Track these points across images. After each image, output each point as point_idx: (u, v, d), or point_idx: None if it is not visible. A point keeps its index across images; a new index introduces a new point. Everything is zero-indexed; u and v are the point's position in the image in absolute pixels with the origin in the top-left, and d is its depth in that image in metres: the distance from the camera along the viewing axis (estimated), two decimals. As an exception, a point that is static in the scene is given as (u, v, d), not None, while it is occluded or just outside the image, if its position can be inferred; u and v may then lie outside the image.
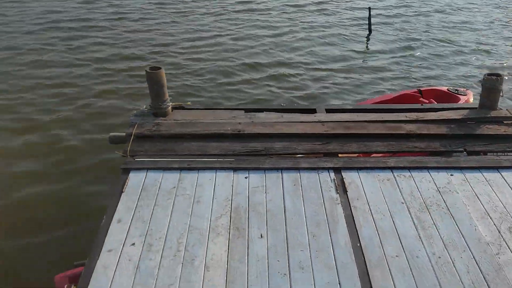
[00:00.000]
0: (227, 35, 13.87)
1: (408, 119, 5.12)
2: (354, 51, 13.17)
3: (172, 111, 5.22)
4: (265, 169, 4.37)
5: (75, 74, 10.90)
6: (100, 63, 11.57)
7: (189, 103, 5.47)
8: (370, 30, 14.69)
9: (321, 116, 5.14)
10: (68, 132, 8.55)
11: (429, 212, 3.90)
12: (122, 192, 4.08)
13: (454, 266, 3.38)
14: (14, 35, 13.26)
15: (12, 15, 14.87)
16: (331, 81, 11.10)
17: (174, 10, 16.01)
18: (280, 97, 10.12)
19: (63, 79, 10.70)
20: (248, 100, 9.81)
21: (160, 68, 4.94)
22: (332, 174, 4.32)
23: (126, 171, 4.34)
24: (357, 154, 4.95)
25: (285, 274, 3.32)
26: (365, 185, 4.20)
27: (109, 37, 13.36)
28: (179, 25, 14.56)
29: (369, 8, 14.61)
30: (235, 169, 4.37)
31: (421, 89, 8.69)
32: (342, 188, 4.16)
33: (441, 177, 4.32)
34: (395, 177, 4.31)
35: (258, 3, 17.23)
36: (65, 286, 4.54)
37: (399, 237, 3.64)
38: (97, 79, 10.75)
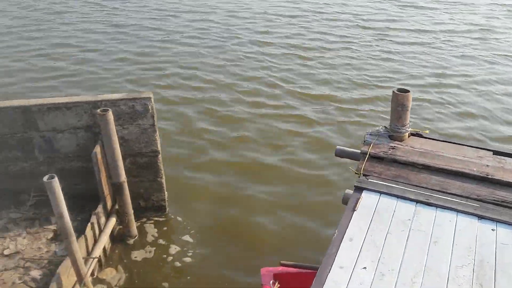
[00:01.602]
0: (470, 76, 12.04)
1: None
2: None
3: (408, 136, 4.97)
4: None
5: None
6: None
7: (427, 131, 5.14)
8: None
9: None
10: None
11: None
12: (354, 210, 4.02)
13: None
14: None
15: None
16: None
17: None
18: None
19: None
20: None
21: (408, 91, 4.74)
22: None
23: (359, 190, 4.27)
24: None
25: None
26: None
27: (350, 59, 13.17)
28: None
29: None
30: (480, 217, 3.90)
31: None
32: None
33: None
34: None
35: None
36: (271, 281, 4.76)
37: None
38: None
